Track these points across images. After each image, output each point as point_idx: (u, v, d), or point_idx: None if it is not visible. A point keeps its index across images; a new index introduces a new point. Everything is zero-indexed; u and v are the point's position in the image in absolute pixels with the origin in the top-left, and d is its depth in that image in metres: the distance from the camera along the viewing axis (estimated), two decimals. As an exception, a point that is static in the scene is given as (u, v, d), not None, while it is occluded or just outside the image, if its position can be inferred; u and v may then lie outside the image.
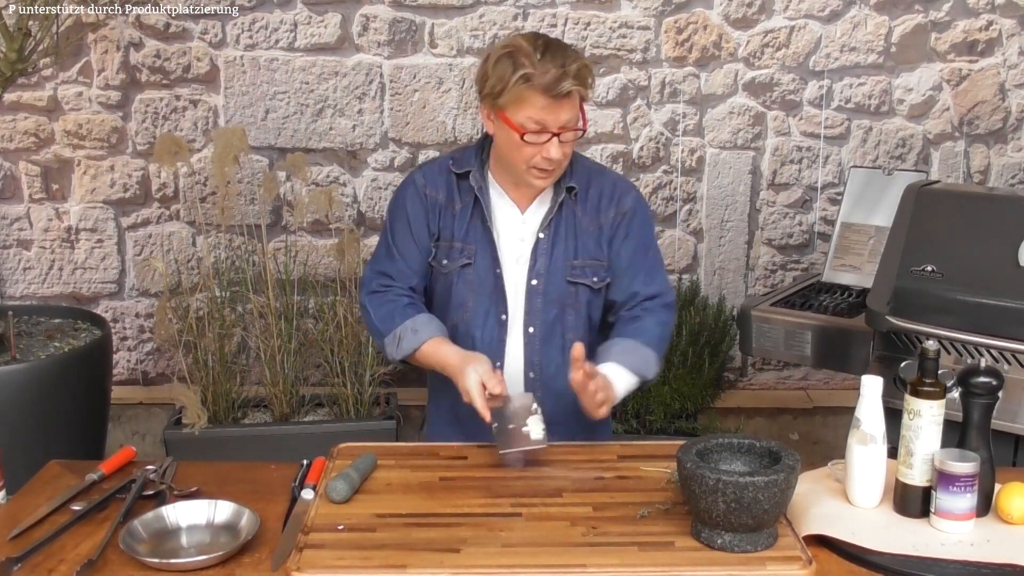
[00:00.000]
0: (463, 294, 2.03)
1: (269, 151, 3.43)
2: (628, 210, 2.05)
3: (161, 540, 1.55)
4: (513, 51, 1.86)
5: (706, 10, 3.35)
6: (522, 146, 1.87)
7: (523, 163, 1.90)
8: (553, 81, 1.82)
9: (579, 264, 2.02)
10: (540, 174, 1.92)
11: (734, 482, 1.44)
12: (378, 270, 2.08)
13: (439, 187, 2.04)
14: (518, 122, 1.86)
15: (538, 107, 1.84)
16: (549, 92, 1.82)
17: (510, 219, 2.03)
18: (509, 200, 2.03)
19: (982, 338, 2.20)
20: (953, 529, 1.55)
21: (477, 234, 2.02)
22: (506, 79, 1.84)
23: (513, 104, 1.85)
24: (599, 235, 2.03)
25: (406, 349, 1.98)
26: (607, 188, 2.05)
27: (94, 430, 3.03)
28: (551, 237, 2.01)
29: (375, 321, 2.04)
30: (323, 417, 3.21)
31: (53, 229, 3.48)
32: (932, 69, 3.40)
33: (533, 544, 1.51)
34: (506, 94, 1.85)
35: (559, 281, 2.01)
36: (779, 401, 3.64)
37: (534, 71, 1.82)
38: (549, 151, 1.87)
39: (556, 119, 1.85)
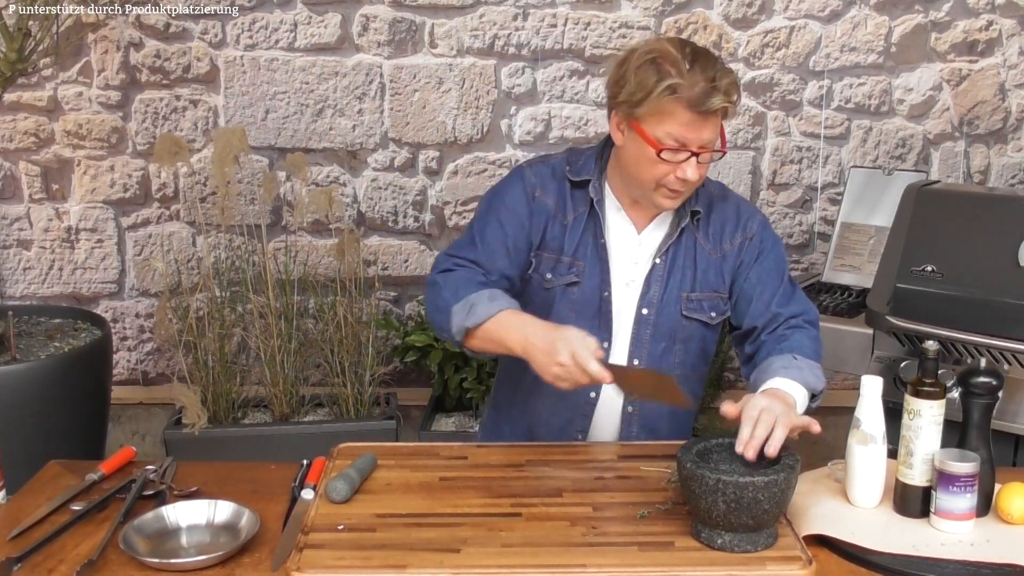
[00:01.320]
0: (564, 314, 1.84)
1: (269, 151, 3.43)
2: (755, 233, 1.89)
3: (161, 540, 1.55)
4: (659, 57, 1.69)
5: (706, 10, 3.35)
6: (656, 163, 1.72)
7: (653, 181, 1.75)
8: (701, 96, 1.66)
9: (696, 297, 1.87)
10: (670, 194, 1.77)
11: (734, 482, 1.44)
12: (457, 255, 1.86)
13: (550, 191, 1.86)
14: (656, 136, 1.70)
15: (681, 122, 1.68)
16: (696, 107, 1.66)
17: (625, 238, 1.87)
18: (626, 217, 1.87)
19: (982, 338, 2.20)
20: (953, 529, 1.55)
21: (587, 250, 1.85)
22: (649, 88, 1.67)
23: (653, 116, 1.69)
24: (722, 263, 1.88)
25: (480, 315, 1.72)
26: (731, 212, 1.90)
27: (94, 430, 3.03)
28: (668, 264, 1.86)
29: (444, 291, 1.79)
30: (323, 417, 3.21)
31: (53, 229, 3.48)
32: (932, 69, 3.40)
33: (533, 544, 1.51)
34: (647, 104, 1.68)
35: (672, 313, 1.86)
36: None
37: (682, 82, 1.66)
38: (685, 171, 1.71)
39: (698, 137, 1.70)
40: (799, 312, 1.88)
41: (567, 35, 3.34)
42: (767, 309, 1.87)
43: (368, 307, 3.26)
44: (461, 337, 1.77)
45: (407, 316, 3.53)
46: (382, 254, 3.50)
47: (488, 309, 1.73)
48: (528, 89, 3.39)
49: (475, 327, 1.74)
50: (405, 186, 3.46)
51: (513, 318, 1.73)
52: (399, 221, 3.48)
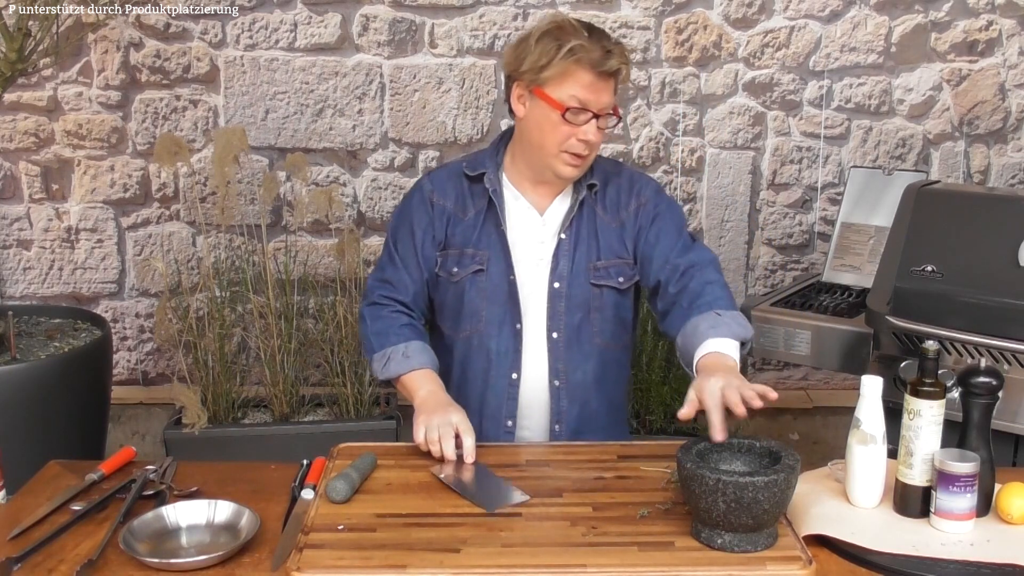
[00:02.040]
0: (476, 302, 1.97)
1: (269, 151, 3.43)
2: (648, 199, 2.00)
3: (161, 540, 1.55)
4: (557, 28, 1.82)
5: (706, 10, 3.35)
6: (559, 125, 1.82)
7: (556, 146, 1.85)
8: (601, 57, 1.79)
9: (602, 265, 1.97)
10: (572, 159, 1.87)
11: (734, 482, 1.44)
12: (381, 278, 2.05)
13: (447, 194, 1.99)
14: (559, 98, 1.81)
15: (583, 83, 1.80)
16: (596, 68, 1.79)
17: (527, 221, 1.98)
18: (526, 202, 1.98)
19: (982, 338, 2.20)
20: (953, 529, 1.55)
21: (490, 239, 1.96)
22: (552, 53, 1.80)
23: (556, 79, 1.81)
24: (622, 231, 1.98)
25: (392, 372, 1.95)
26: (624, 183, 2.01)
27: (94, 430, 3.03)
28: (573, 238, 1.96)
29: (369, 334, 2.01)
30: (323, 417, 3.21)
31: (53, 229, 3.48)
32: (932, 69, 3.40)
33: (533, 544, 1.51)
34: (551, 68, 1.80)
35: (582, 284, 1.96)
36: (779, 401, 3.61)
37: (584, 44, 1.79)
38: (587, 133, 1.83)
39: (598, 99, 1.82)
40: (697, 260, 1.93)
41: (567, 35, 3.34)
42: (667, 263, 1.95)
43: (368, 307, 3.26)
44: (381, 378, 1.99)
45: (407, 316, 3.52)
46: (382, 254, 3.50)
47: (399, 367, 1.94)
48: (528, 89, 3.38)
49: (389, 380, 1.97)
50: (405, 186, 3.46)
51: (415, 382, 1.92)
52: (399, 221, 3.48)
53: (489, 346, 1.97)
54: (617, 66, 1.81)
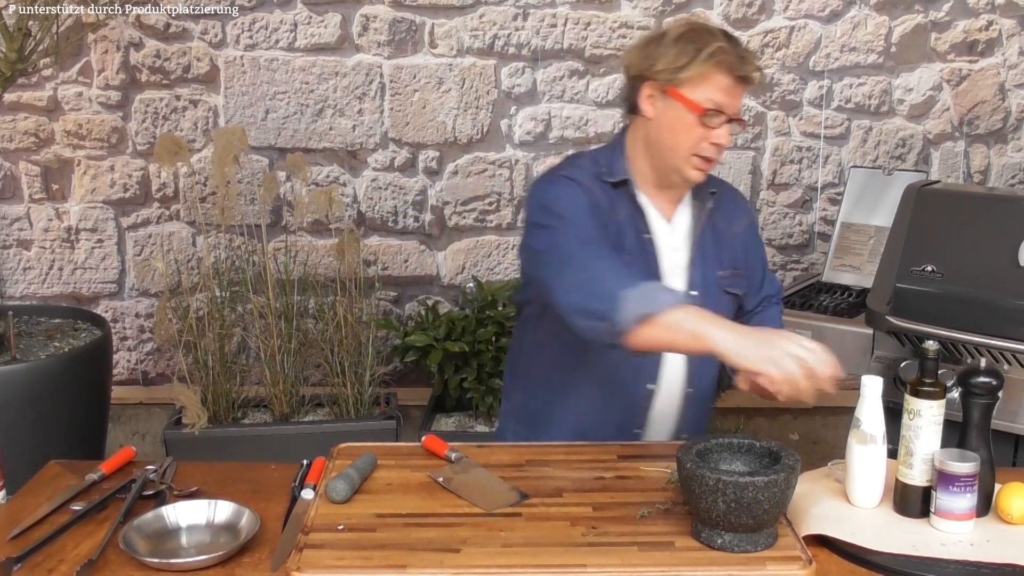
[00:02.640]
0: None
1: (269, 151, 3.43)
2: (753, 218, 2.07)
3: (161, 540, 1.55)
4: (695, 31, 1.81)
5: (706, 10, 3.35)
6: (694, 127, 1.79)
7: (687, 149, 1.82)
8: (739, 62, 1.78)
9: (727, 275, 1.97)
10: (701, 163, 1.84)
11: (734, 482, 1.44)
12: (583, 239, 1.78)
13: (598, 193, 1.87)
14: (697, 100, 1.78)
15: (721, 87, 1.78)
16: (735, 72, 1.78)
17: (660, 229, 1.93)
18: (654, 209, 1.92)
19: (982, 338, 2.20)
20: (953, 529, 1.55)
21: (634, 246, 1.89)
22: (691, 55, 1.77)
23: (694, 80, 1.78)
24: (735, 243, 1.99)
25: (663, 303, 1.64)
26: (732, 196, 2.04)
27: (94, 430, 3.03)
28: (702, 247, 1.94)
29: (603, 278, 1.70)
30: (323, 417, 3.21)
31: (53, 229, 3.48)
32: (932, 69, 3.40)
33: (533, 544, 1.51)
34: (690, 69, 1.77)
35: (715, 292, 1.94)
36: (779, 401, 3.63)
37: (726, 48, 1.78)
38: (720, 136, 1.80)
39: (733, 104, 1.81)
40: (775, 292, 2.10)
41: (567, 35, 3.34)
42: (759, 292, 2.05)
43: (368, 307, 3.27)
44: (629, 326, 1.64)
45: (407, 316, 3.53)
46: (382, 254, 3.50)
47: (668, 297, 1.67)
48: (528, 89, 3.39)
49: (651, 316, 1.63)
50: (405, 186, 3.46)
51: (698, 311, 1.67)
52: (399, 221, 3.48)
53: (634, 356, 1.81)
54: (753, 72, 1.81)
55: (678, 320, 1.64)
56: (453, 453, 1.82)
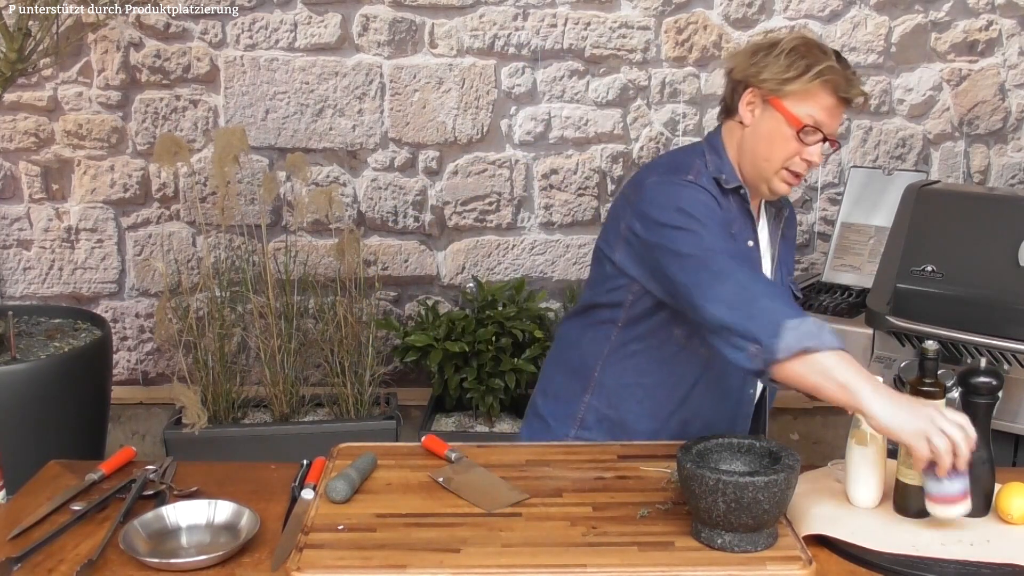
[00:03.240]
0: None
1: (269, 151, 3.43)
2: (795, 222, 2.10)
3: (161, 540, 1.55)
4: (806, 46, 1.81)
5: (706, 10, 3.35)
6: (790, 141, 1.80)
7: (779, 162, 1.82)
8: (846, 83, 1.80)
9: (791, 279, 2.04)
10: (790, 178, 1.84)
11: (734, 482, 1.44)
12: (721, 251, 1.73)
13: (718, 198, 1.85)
14: (798, 115, 1.79)
15: (825, 105, 1.79)
16: (840, 93, 1.79)
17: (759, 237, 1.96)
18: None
19: (982, 338, 2.20)
20: (945, 513, 1.52)
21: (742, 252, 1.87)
22: (801, 70, 1.77)
23: (799, 95, 1.79)
24: (792, 248, 2.06)
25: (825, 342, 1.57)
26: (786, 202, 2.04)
27: (94, 430, 3.03)
28: (780, 255, 1.99)
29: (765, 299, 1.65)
30: (323, 417, 3.21)
31: (53, 229, 3.48)
32: (932, 69, 3.40)
33: (533, 544, 1.51)
34: (796, 83, 1.78)
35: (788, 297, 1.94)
36: (779, 401, 3.61)
37: (834, 67, 1.79)
38: (813, 154, 1.80)
39: (832, 123, 1.82)
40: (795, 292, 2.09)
41: (567, 35, 3.34)
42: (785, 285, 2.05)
43: (368, 307, 3.27)
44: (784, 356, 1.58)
45: (407, 316, 3.53)
46: (382, 254, 3.51)
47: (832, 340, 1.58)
48: (528, 89, 3.39)
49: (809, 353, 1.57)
50: (405, 186, 3.46)
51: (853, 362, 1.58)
52: (399, 221, 3.48)
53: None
54: (859, 95, 1.82)
55: (832, 365, 1.57)
56: (453, 453, 1.82)
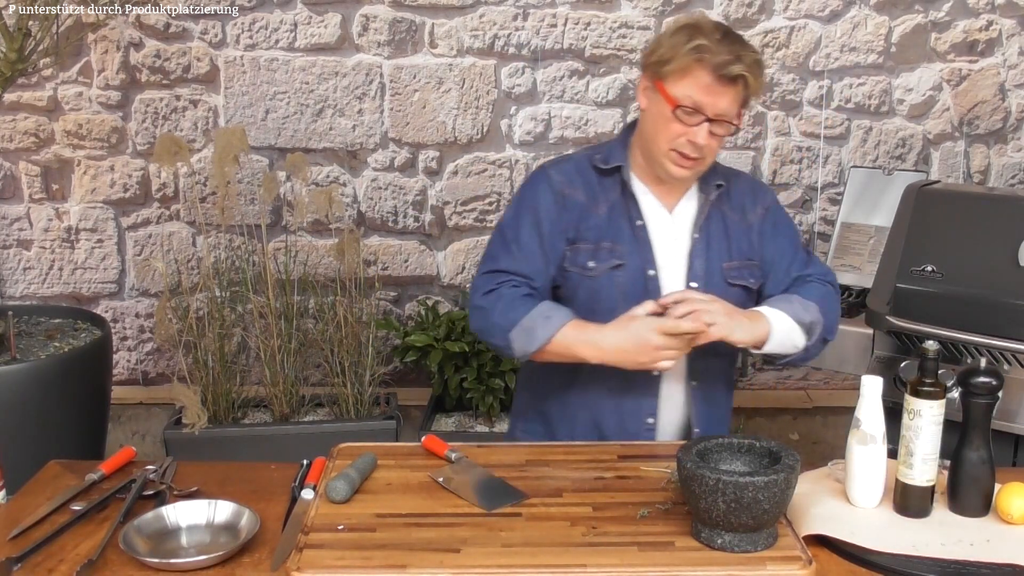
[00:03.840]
0: (614, 299, 1.88)
1: (269, 151, 3.43)
2: (771, 204, 2.02)
3: (161, 540, 1.55)
4: (694, 26, 1.81)
5: (706, 10, 3.35)
6: (671, 122, 1.80)
7: (665, 143, 1.82)
8: (724, 62, 1.76)
9: (735, 266, 1.95)
10: (680, 160, 1.83)
11: (734, 482, 1.44)
12: (493, 270, 1.92)
13: (578, 186, 1.92)
14: (675, 95, 1.78)
15: (700, 85, 1.77)
16: (717, 71, 1.76)
17: (658, 218, 1.93)
18: (654, 198, 1.94)
19: (982, 338, 2.20)
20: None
21: (625, 234, 1.91)
22: (678, 48, 1.77)
23: (677, 74, 1.78)
24: (749, 233, 1.97)
25: (541, 338, 1.81)
26: (746, 186, 2.01)
27: (94, 430, 3.03)
28: (706, 238, 1.93)
29: (494, 316, 1.86)
30: (323, 417, 3.21)
31: (53, 229, 3.48)
32: (932, 69, 3.40)
33: (533, 544, 1.51)
34: (674, 63, 1.78)
35: (718, 284, 1.92)
36: (779, 401, 3.64)
37: (709, 45, 1.76)
38: (697, 135, 1.79)
39: (714, 104, 1.78)
40: (818, 272, 2.03)
41: (567, 35, 3.34)
42: (788, 275, 2.00)
43: (368, 307, 3.27)
44: (526, 358, 1.86)
45: (407, 316, 3.53)
46: (382, 254, 3.51)
47: (547, 330, 1.82)
48: (528, 89, 3.39)
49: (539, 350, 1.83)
50: (405, 186, 3.46)
51: (576, 332, 1.82)
52: (399, 221, 3.48)
53: None
54: (739, 72, 1.76)
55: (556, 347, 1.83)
56: (453, 453, 1.82)
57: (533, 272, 1.91)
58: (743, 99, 1.83)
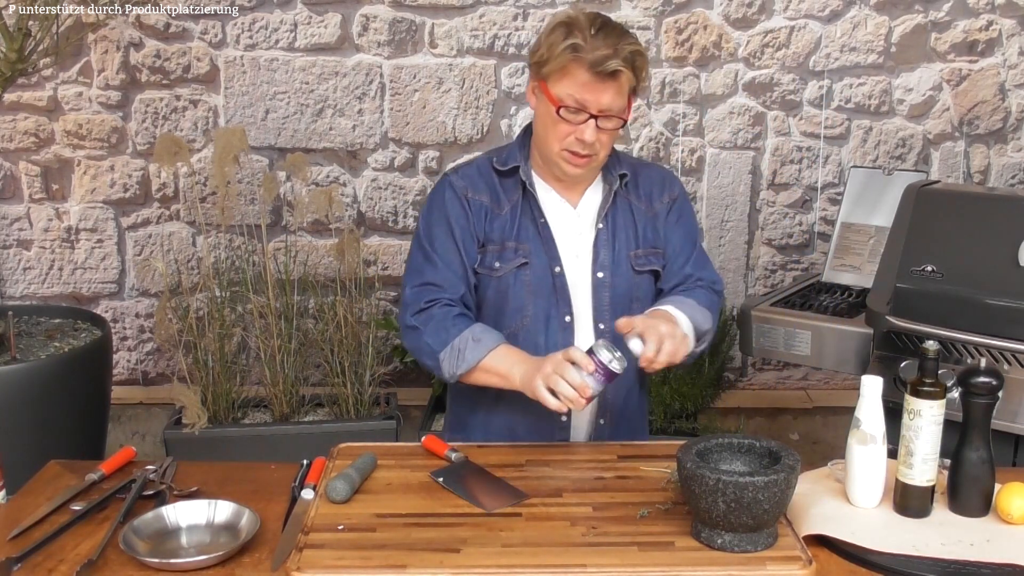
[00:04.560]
0: (521, 297, 1.90)
1: (269, 151, 3.43)
2: (678, 195, 2.00)
3: (161, 540, 1.55)
4: (569, 22, 1.77)
5: (706, 10, 3.35)
6: (557, 122, 1.79)
7: (556, 143, 1.81)
8: (600, 58, 1.73)
9: (641, 254, 1.95)
10: (572, 158, 1.82)
11: (734, 482, 1.44)
12: (420, 284, 1.91)
13: (480, 189, 1.92)
14: (557, 95, 1.77)
15: (580, 83, 1.75)
16: (594, 68, 1.73)
17: (562, 213, 1.93)
18: (557, 195, 1.93)
19: (982, 338, 2.20)
20: None
21: (529, 233, 1.90)
22: (555, 47, 1.75)
23: (556, 75, 1.77)
24: (655, 221, 1.97)
25: (470, 361, 1.82)
26: (655, 175, 2.00)
27: (94, 430, 3.03)
28: (611, 228, 1.93)
29: (426, 338, 1.87)
30: (323, 417, 3.21)
31: (53, 229, 3.48)
32: (932, 69, 3.40)
33: (533, 544, 1.51)
34: (551, 63, 1.76)
35: (625, 272, 1.93)
36: (779, 401, 3.64)
37: (584, 44, 1.74)
38: (584, 132, 1.78)
39: (597, 100, 1.76)
40: (710, 278, 2.02)
41: (567, 35, 3.34)
42: (681, 270, 1.98)
43: (368, 307, 3.27)
44: (455, 379, 1.86)
45: (407, 316, 3.53)
46: (382, 254, 3.51)
47: (476, 352, 1.82)
48: (528, 89, 3.39)
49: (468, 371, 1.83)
50: (405, 186, 3.46)
51: (502, 356, 1.82)
52: (399, 221, 3.48)
53: (537, 341, 1.90)
54: (615, 67, 1.73)
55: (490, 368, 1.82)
56: (453, 453, 1.82)
57: (456, 280, 1.90)
58: (628, 90, 1.81)
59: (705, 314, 1.91)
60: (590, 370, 1.69)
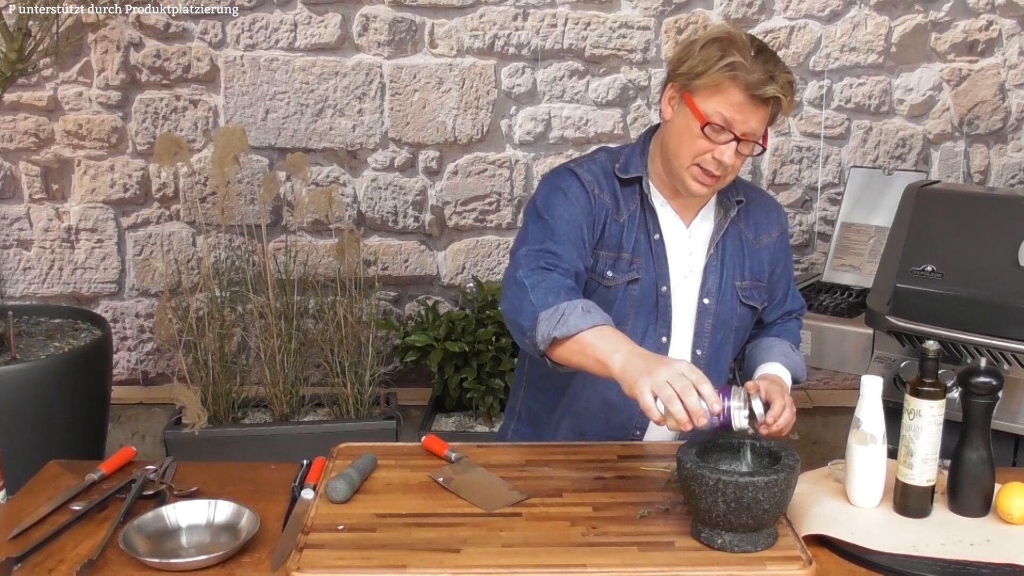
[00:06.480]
0: (625, 310, 1.85)
1: (269, 151, 3.43)
2: (784, 228, 2.01)
3: (161, 540, 1.55)
4: (727, 39, 1.72)
5: (706, 10, 3.35)
6: (697, 138, 1.74)
7: (688, 159, 1.77)
8: (758, 82, 1.69)
9: (747, 286, 1.93)
10: (702, 176, 1.78)
11: (734, 482, 1.44)
12: (540, 248, 1.79)
13: (605, 189, 1.86)
14: (705, 110, 1.72)
15: (732, 102, 1.71)
16: (750, 90, 1.69)
17: (675, 231, 1.89)
18: (672, 211, 1.89)
19: (982, 338, 2.20)
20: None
21: (642, 246, 1.86)
22: (711, 63, 1.70)
23: (707, 90, 1.72)
24: (763, 253, 1.95)
25: (571, 327, 1.63)
26: (765, 204, 1.98)
27: (94, 430, 3.03)
28: (721, 254, 1.90)
29: (531, 295, 1.71)
30: (323, 417, 3.21)
31: (53, 229, 3.48)
32: (932, 69, 3.40)
33: (533, 544, 1.51)
34: (705, 77, 1.71)
35: (730, 301, 1.90)
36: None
37: (744, 63, 1.69)
38: (723, 153, 1.73)
39: (745, 122, 1.72)
40: (799, 307, 2.10)
41: (567, 35, 3.34)
42: (781, 306, 2.04)
43: (368, 307, 3.27)
44: (545, 346, 1.68)
45: (407, 316, 3.53)
46: (382, 254, 3.51)
47: (580, 321, 1.65)
48: (528, 89, 3.39)
49: (564, 338, 1.65)
50: (405, 186, 3.46)
51: (611, 335, 1.64)
52: (399, 221, 3.48)
53: None
54: (773, 94, 1.70)
55: (589, 343, 1.63)
56: (453, 453, 1.82)
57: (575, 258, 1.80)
58: (772, 118, 1.78)
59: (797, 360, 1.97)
60: (716, 411, 1.53)
